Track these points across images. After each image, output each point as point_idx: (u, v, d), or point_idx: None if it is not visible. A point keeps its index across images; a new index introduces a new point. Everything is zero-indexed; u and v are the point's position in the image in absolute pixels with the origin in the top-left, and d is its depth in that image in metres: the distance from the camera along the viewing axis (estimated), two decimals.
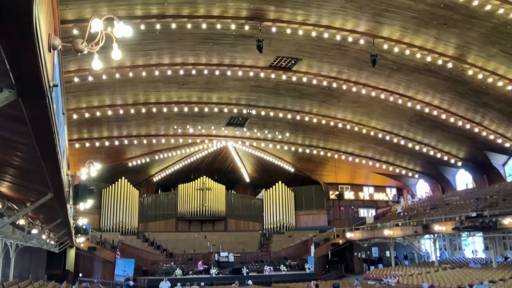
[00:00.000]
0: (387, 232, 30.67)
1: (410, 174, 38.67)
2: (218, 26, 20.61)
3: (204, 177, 39.63)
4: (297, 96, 28.21)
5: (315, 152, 36.05)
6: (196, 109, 28.94)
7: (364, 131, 31.60)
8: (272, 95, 28.09)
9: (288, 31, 21.27)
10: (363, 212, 41.09)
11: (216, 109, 29.37)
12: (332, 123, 31.07)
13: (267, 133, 33.93)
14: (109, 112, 26.96)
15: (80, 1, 17.44)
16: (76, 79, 22.62)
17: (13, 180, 9.85)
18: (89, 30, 4.31)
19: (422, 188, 40.68)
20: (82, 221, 26.56)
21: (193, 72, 24.54)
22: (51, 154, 6.56)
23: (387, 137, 32.07)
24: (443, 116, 27.92)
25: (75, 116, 26.18)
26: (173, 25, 20.16)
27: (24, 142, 6.53)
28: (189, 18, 20.06)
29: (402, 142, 32.33)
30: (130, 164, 35.58)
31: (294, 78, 26.09)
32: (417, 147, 32.68)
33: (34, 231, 15.56)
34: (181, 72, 24.38)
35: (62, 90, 6.30)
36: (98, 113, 26.77)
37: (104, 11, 17.67)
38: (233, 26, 20.79)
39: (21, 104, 4.60)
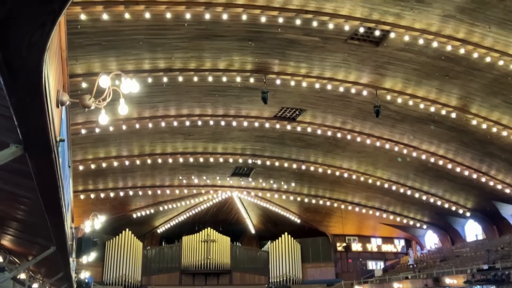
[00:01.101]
0: (396, 286, 29.69)
1: (418, 224, 37.92)
2: (224, 79, 21.08)
3: (209, 228, 39.05)
4: (302, 146, 28.30)
5: (321, 202, 35.65)
6: (201, 160, 29.02)
7: (370, 181, 31.35)
8: (277, 145, 28.21)
9: (292, 83, 21.67)
10: (371, 264, 39.98)
11: (221, 159, 29.43)
12: (337, 173, 30.91)
13: (272, 183, 33.75)
14: (115, 163, 27.07)
15: (90, 56, 18.00)
16: (83, 131, 22.90)
17: (15, 233, 9.72)
18: (97, 86, 4.39)
19: (431, 239, 39.74)
20: (85, 275, 25.93)
21: (199, 123, 24.84)
22: (55, 207, 6.51)
23: (394, 187, 31.76)
24: (449, 166, 27.74)
25: (81, 168, 26.29)
26: (180, 78, 20.65)
27: (29, 196, 6.50)
28: (196, 71, 20.58)
29: (409, 192, 31.97)
30: (134, 216, 35.28)
31: (298, 128, 26.27)
32: (424, 197, 32.25)
33: (35, 285, 15.18)
34: (187, 123, 24.67)
35: (69, 143, 6.37)
36: (104, 164, 26.88)
37: (113, 65, 18.17)
38: (238, 79, 21.25)
39: (27, 159, 4.62)
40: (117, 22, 16.53)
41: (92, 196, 30.29)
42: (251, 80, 21.31)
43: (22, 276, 13.85)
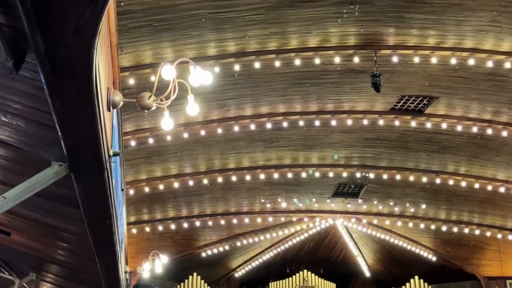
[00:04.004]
0: None
1: None
2: (317, 61, 21.02)
3: (305, 271, 39.00)
4: (435, 150, 27.35)
5: (466, 231, 34.10)
6: (289, 175, 29.14)
7: None
8: (398, 150, 27.54)
9: (416, 59, 21.07)
10: None
11: (317, 174, 29.34)
12: (489, 188, 29.43)
13: (393, 206, 32.95)
14: (176, 184, 28.05)
15: (137, 42, 18.89)
16: (133, 143, 24.02)
17: (56, 280, 10.37)
18: (157, 79, 4.57)
19: None
20: None
21: (285, 124, 24.99)
22: (107, 245, 6.82)
23: None
24: None
25: (131, 192, 27.56)
26: (257, 64, 20.93)
27: (74, 230, 6.89)
28: (278, 53, 20.74)
29: None
30: (204, 255, 36.22)
31: (428, 125, 25.46)
32: None
33: None
34: (269, 125, 24.92)
35: (122, 159, 6.69)
36: (161, 186, 27.97)
37: (168, 53, 18.90)
38: (337, 59, 21.09)
39: (73, 181, 4.91)
40: None
41: (148, 229, 31.61)
42: (356, 59, 21.02)
43: None
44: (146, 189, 27.90)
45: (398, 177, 29.36)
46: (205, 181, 28.46)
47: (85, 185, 4.70)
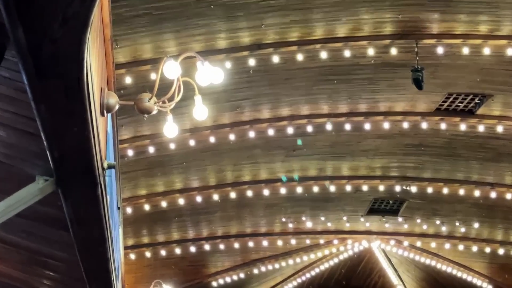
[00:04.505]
0: None
1: None
2: (347, 53, 21.01)
3: None
4: (489, 158, 27.18)
5: None
6: (315, 189, 29.09)
7: None
8: (445, 158, 27.41)
9: (466, 50, 20.99)
10: None
11: (348, 188, 29.27)
12: None
13: (439, 225, 32.75)
14: (181, 201, 28.11)
15: (135, 35, 19.01)
16: (130, 153, 24.13)
17: None
18: (159, 78, 4.58)
19: None
20: None
21: (309, 129, 24.97)
22: (101, 273, 6.84)
23: None
24: None
25: (129, 210, 27.66)
26: (275, 58, 20.97)
27: (62, 257, 6.93)
28: (300, 45, 20.78)
29: None
30: (215, 284, 36.19)
31: (480, 128, 25.33)
32: None
33: None
34: (290, 130, 24.91)
35: (118, 172, 6.69)
36: (164, 204, 28.04)
37: (171, 47, 19.01)
38: (371, 51, 21.08)
39: (61, 198, 4.94)
40: None
41: (148, 254, 31.66)
42: (393, 51, 21.02)
43: None
44: (146, 207, 27.96)
45: (445, 190, 29.18)
46: (216, 197, 28.46)
47: (75, 203, 4.72)
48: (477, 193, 29.11)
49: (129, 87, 19.22)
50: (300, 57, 20.93)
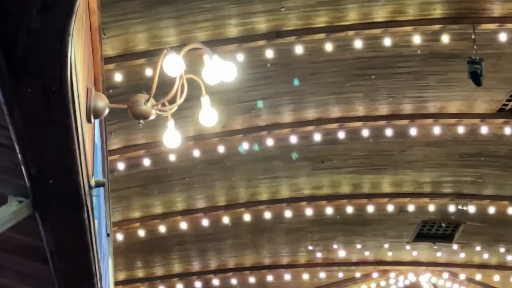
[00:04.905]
0: None
1: None
2: (387, 42, 21.01)
3: None
4: None
5: None
6: (349, 210, 29.06)
7: None
8: (510, 171, 27.31)
9: None
10: None
11: (391, 208, 29.22)
12: None
13: (504, 253, 32.64)
14: (183, 225, 28.16)
15: (126, 23, 19.07)
16: (121, 166, 24.18)
17: None
18: (157, 74, 4.59)
19: None
20: None
21: (341, 135, 24.95)
22: None
23: None
24: None
25: (120, 237, 27.73)
26: (299, 49, 21.00)
27: None
28: (329, 32, 20.81)
29: None
30: None
31: None
32: None
33: None
34: (317, 137, 24.91)
35: (107, 191, 6.70)
36: (162, 228, 28.08)
37: (171, 36, 19.06)
38: (417, 39, 21.10)
39: (39, 224, 4.94)
40: None
41: None
42: (445, 38, 21.06)
43: None
44: (141, 233, 27.99)
45: (511, 210, 29.08)
46: (226, 220, 28.46)
47: (56, 229, 4.74)
48: None
49: (119, 86, 19.33)
50: (329, 47, 20.93)
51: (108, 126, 20.67)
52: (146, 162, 24.35)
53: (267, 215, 28.63)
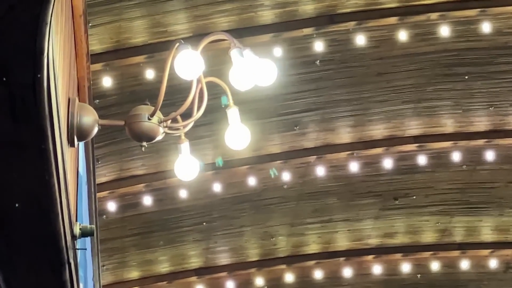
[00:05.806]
0: None
1: None
2: (486, 28, 21.09)
3: None
4: None
5: None
6: (434, 267, 29.05)
7: None
8: None
9: None
10: None
11: (493, 263, 29.15)
12: None
13: None
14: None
15: (118, 5, 19.23)
16: (111, 207, 24.32)
17: None
18: (166, 78, 4.59)
19: None
20: None
21: (421, 160, 25.00)
22: None
23: None
24: None
25: None
26: (360, 39, 21.08)
27: None
28: (403, 14, 20.92)
29: None
30: None
31: None
32: None
33: None
34: (387, 163, 24.96)
35: (96, 242, 6.66)
36: None
37: (181, 24, 19.22)
38: None
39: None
40: None
41: None
42: None
43: None
44: None
45: None
46: (260, 282, 28.51)
47: None
48: None
49: (110, 94, 19.54)
50: (403, 35, 21.00)
51: (97, 150, 20.91)
52: (147, 200, 24.43)
53: (318, 274, 28.64)
